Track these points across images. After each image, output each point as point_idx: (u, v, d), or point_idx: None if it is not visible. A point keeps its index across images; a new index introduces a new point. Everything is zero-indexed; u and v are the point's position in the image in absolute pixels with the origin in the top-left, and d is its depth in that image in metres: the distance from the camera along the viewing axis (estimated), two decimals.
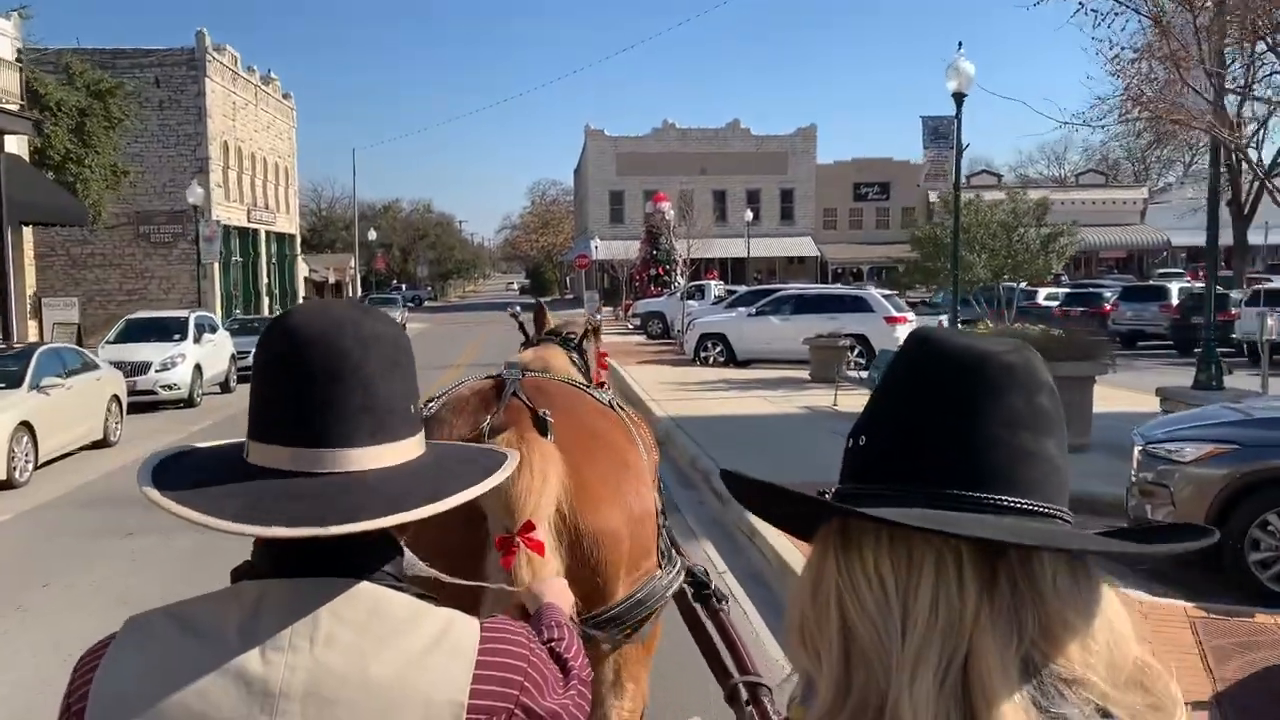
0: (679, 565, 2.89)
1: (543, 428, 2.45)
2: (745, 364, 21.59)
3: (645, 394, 16.62)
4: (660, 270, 48.99)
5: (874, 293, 21.38)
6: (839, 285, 45.07)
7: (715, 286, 35.28)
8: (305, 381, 1.10)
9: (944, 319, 20.85)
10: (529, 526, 2.13)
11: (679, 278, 48.98)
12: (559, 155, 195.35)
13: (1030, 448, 0.88)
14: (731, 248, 51.59)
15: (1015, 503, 0.87)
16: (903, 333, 20.29)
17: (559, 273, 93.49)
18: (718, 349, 21.88)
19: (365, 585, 1.10)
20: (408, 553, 1.22)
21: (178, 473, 1.14)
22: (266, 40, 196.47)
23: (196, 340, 18.82)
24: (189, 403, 17.92)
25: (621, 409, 3.01)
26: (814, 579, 0.90)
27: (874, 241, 65.99)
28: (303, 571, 1.09)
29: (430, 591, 1.19)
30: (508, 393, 2.59)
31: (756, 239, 54.04)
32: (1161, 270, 52.93)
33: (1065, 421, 0.93)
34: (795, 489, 0.93)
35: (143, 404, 17.34)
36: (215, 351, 19.62)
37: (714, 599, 3.10)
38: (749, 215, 51.72)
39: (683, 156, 63.51)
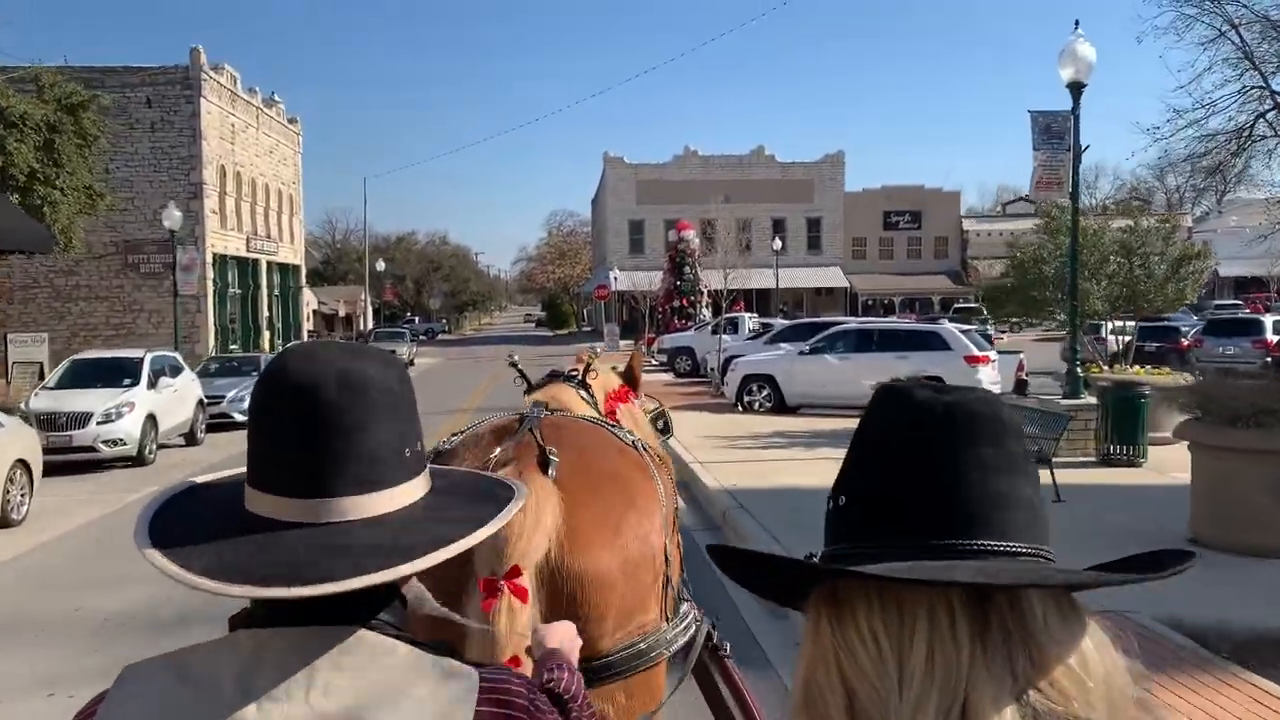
0: (689, 619, 2.70)
1: (545, 464, 2.34)
2: (794, 410, 18.56)
3: (687, 451, 13.58)
4: (684, 301, 46.31)
5: (951, 328, 18.30)
6: (894, 317, 41.68)
7: (749, 319, 32.19)
8: (289, 431, 1.08)
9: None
10: (515, 572, 2.08)
11: (704, 309, 46.38)
12: (576, 187, 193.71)
13: (1004, 491, 0.89)
14: (756, 278, 48.65)
15: (997, 546, 0.88)
16: (985, 375, 17.28)
17: (576, 305, 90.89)
18: (764, 392, 18.79)
19: (363, 633, 1.07)
20: (418, 590, 1.21)
21: (180, 516, 1.12)
22: (282, 72, 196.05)
23: (152, 385, 15.90)
24: (139, 460, 14.98)
25: (645, 449, 2.78)
26: (812, 643, 0.90)
27: (906, 272, 63.45)
28: (300, 620, 1.06)
29: (412, 632, 1.14)
30: (523, 429, 2.51)
31: (782, 269, 51.17)
32: (1217, 303, 49.74)
33: (1037, 465, 0.97)
34: (782, 556, 0.94)
35: (83, 463, 14.48)
36: (176, 398, 16.69)
37: (719, 650, 2.95)
38: (777, 244, 48.76)
39: (705, 184, 61.05)
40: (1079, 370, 12.86)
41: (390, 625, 1.11)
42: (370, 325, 67.26)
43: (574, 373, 3.41)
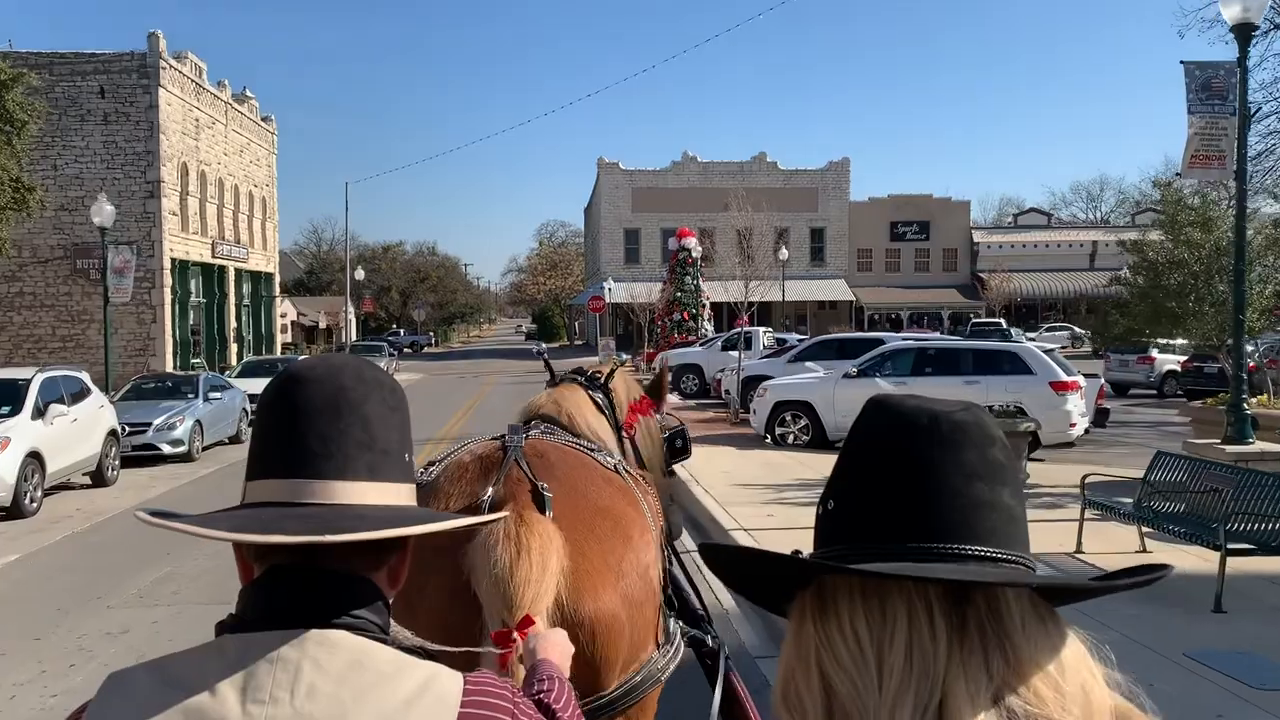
0: (677, 643, 2.69)
1: (541, 504, 2.30)
2: (835, 445, 15.41)
3: (720, 508, 10.43)
4: (685, 315, 43.19)
5: (1031, 347, 15.14)
6: (938, 333, 37.93)
7: (764, 334, 28.97)
8: (304, 415, 1.11)
9: None
10: (527, 621, 2.02)
11: (706, 323, 43.31)
12: (569, 198, 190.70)
13: (986, 498, 0.92)
14: (754, 290, 45.64)
15: (976, 550, 0.90)
16: (1073, 404, 14.16)
17: (567, 317, 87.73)
18: (800, 423, 15.61)
19: (349, 637, 1.06)
20: (392, 622, 1.21)
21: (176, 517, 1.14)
22: (272, 78, 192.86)
23: (40, 413, 12.63)
24: (14, 511, 11.64)
25: (627, 472, 2.75)
26: (794, 643, 0.93)
27: (913, 285, 60.62)
28: (287, 623, 1.05)
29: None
30: (508, 461, 2.44)
31: (785, 281, 48.11)
32: None
33: (1018, 473, 0.97)
34: (772, 551, 0.96)
35: None
36: (76, 429, 13.38)
37: (719, 655, 2.91)
38: (784, 253, 45.71)
39: (704, 192, 58.50)
40: (1245, 403, 9.71)
41: (377, 628, 1.09)
42: (353, 337, 64.01)
43: (597, 374, 3.32)
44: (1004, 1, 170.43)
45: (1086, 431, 14.74)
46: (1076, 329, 51.30)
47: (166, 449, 16.26)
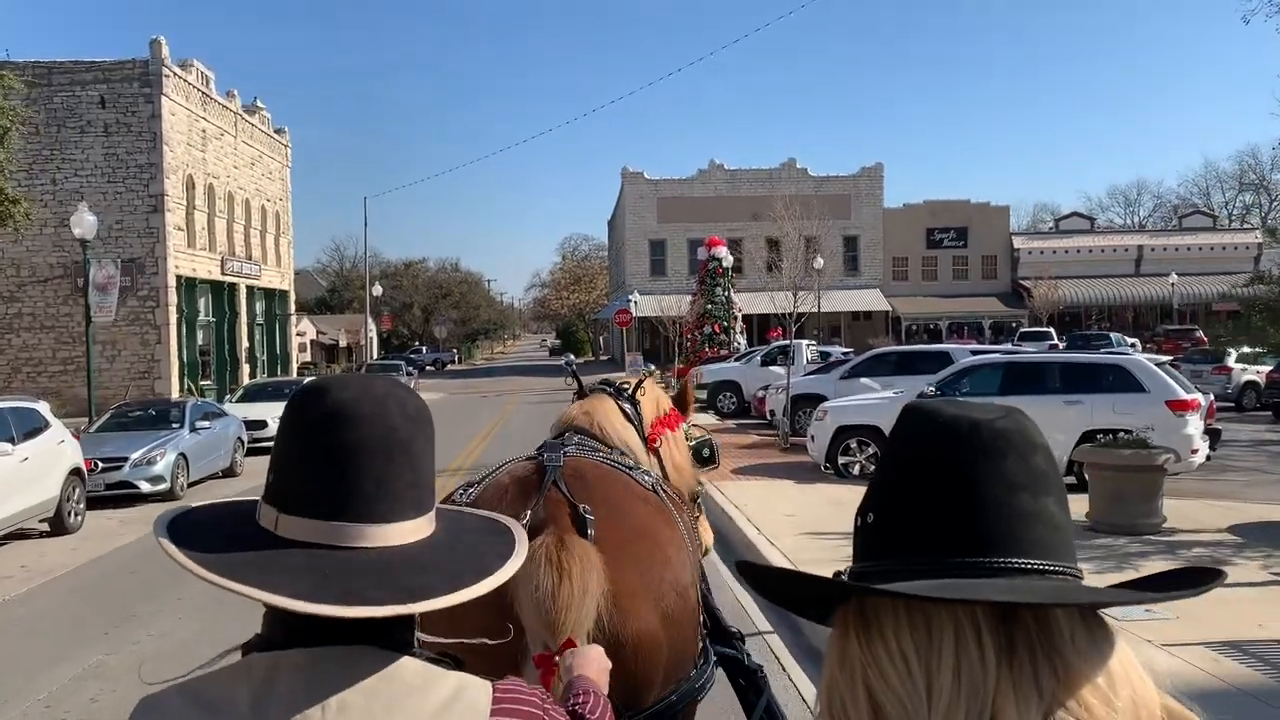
0: (713, 663, 2.73)
1: (582, 526, 2.32)
2: None
3: (788, 562, 8.30)
4: (716, 327, 41.21)
5: (1142, 360, 12.92)
6: (1027, 344, 34.93)
7: (807, 348, 26.85)
8: (357, 458, 1.07)
9: None
10: (569, 644, 2.04)
11: (738, 335, 41.36)
12: (592, 211, 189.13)
13: (1030, 508, 0.89)
14: (784, 301, 43.59)
15: (1023, 563, 0.88)
16: (1193, 425, 11.99)
17: (591, 332, 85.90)
18: (868, 451, 13.48)
19: (378, 651, 1.06)
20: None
21: (201, 536, 1.07)
22: (290, 96, 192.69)
23: None
24: None
25: (663, 490, 2.77)
26: (838, 659, 0.91)
27: (951, 294, 58.25)
28: (316, 640, 1.05)
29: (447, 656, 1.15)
30: (547, 482, 2.45)
31: (820, 292, 46.02)
32: None
33: (1062, 480, 0.94)
34: (811, 574, 0.94)
35: None
36: (29, 469, 11.30)
37: (758, 676, 2.96)
38: (819, 262, 43.61)
39: (732, 201, 56.72)
40: None
41: (405, 643, 1.09)
42: (376, 355, 62.47)
43: (625, 385, 3.33)
44: (1036, 7, 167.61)
45: (1207, 459, 12.54)
46: (1125, 337, 49.03)
47: (145, 487, 14.36)
